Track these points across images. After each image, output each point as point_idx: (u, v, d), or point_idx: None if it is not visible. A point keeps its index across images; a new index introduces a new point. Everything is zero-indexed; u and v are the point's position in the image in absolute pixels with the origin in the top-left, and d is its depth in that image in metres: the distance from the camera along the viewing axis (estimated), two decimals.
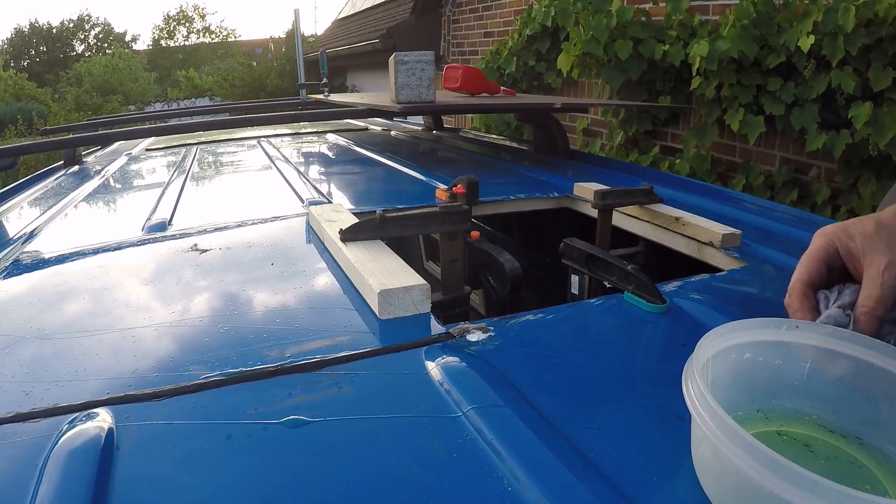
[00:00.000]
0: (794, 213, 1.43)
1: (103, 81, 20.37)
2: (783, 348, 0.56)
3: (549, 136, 2.29)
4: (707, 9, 3.15)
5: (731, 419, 0.43)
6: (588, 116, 4.12)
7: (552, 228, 1.94)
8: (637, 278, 0.89)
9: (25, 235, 1.34)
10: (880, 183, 2.34)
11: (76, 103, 15.72)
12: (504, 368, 0.70)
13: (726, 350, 0.55)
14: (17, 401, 0.65)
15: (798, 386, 0.56)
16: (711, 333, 0.54)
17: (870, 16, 2.23)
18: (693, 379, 0.48)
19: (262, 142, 2.65)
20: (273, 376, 0.68)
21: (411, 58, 1.78)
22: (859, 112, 2.24)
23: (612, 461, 0.55)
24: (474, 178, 1.37)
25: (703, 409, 0.45)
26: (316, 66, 8.90)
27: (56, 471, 0.53)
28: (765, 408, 0.57)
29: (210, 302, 0.89)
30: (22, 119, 13.70)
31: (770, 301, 0.95)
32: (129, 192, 1.91)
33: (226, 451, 0.56)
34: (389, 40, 7.08)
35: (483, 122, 4.65)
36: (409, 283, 0.83)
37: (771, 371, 0.56)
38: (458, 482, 0.52)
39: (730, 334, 0.55)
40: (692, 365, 0.50)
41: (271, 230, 1.25)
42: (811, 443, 0.54)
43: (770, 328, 0.56)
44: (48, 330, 0.82)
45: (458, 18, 6.18)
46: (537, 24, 4.01)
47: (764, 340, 0.56)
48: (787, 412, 0.56)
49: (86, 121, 3.21)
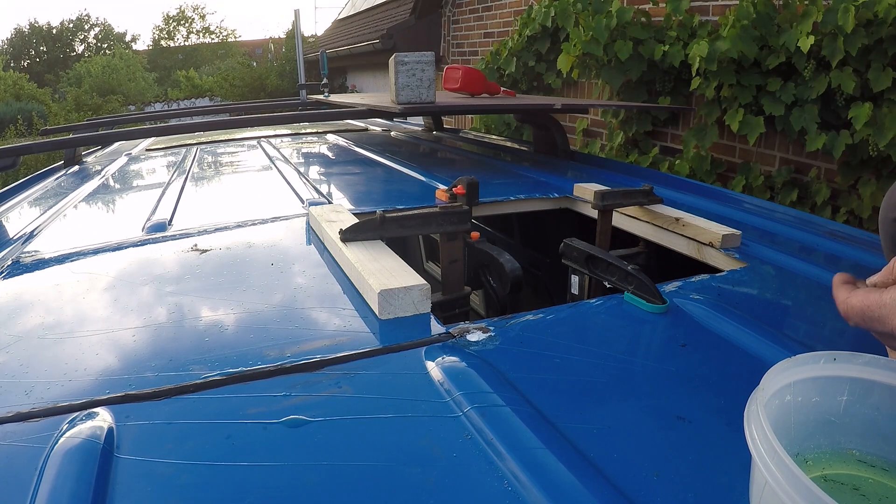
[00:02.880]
0: (794, 213, 1.43)
1: (103, 82, 20.36)
2: (820, 384, 0.54)
3: (549, 136, 2.29)
4: (707, 9, 3.15)
5: (801, 471, 0.40)
6: (588, 117, 4.12)
7: (552, 229, 1.94)
8: (637, 278, 0.89)
9: (26, 235, 1.34)
10: (880, 183, 2.34)
11: (76, 103, 15.70)
12: (504, 368, 0.70)
13: (774, 393, 0.52)
14: (17, 401, 0.65)
15: (835, 422, 0.55)
16: (777, 369, 0.52)
17: (869, 16, 2.23)
18: (757, 421, 0.45)
19: (262, 142, 2.65)
20: (273, 376, 0.68)
21: (411, 58, 1.78)
22: (859, 112, 2.24)
23: (612, 461, 0.55)
24: (474, 179, 1.37)
25: (768, 456, 0.43)
26: (316, 67, 8.91)
27: (56, 471, 0.53)
28: (803, 451, 0.55)
29: (210, 302, 0.89)
30: (22, 119, 13.70)
31: (770, 302, 0.95)
32: (129, 193, 1.91)
33: (226, 451, 0.56)
34: (389, 41, 7.07)
35: (483, 122, 4.65)
36: (409, 283, 0.83)
37: (808, 410, 0.54)
38: (458, 482, 0.52)
39: (786, 372, 0.53)
40: (755, 403, 0.47)
41: (271, 230, 1.25)
42: (859, 485, 0.52)
43: (808, 364, 0.54)
44: (48, 330, 0.82)
45: (458, 19, 6.18)
46: (537, 25, 4.01)
47: (802, 378, 0.54)
48: (826, 453, 0.55)
49: (86, 121, 3.21)
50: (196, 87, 18.95)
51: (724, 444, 0.59)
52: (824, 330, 0.87)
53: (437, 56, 6.26)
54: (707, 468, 0.55)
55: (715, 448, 0.58)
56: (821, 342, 0.81)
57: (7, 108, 15.12)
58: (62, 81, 22.49)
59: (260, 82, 14.55)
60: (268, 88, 14.17)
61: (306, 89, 3.18)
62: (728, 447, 0.58)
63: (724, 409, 0.64)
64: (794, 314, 0.92)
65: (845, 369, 0.54)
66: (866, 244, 1.19)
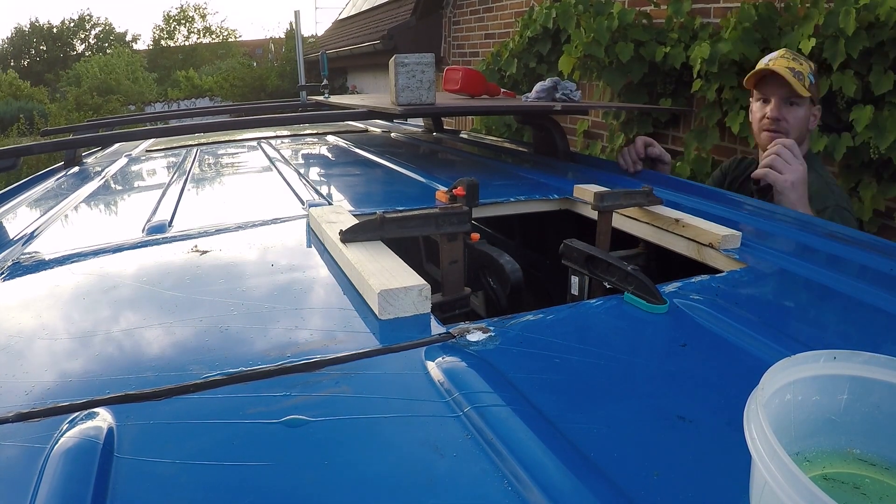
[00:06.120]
0: (794, 215, 1.43)
1: (103, 81, 20.37)
2: (820, 383, 0.54)
3: (550, 138, 2.29)
4: (708, 11, 3.15)
5: (800, 471, 0.40)
6: (589, 119, 4.12)
7: (552, 230, 1.94)
8: (637, 279, 0.89)
9: (26, 236, 1.34)
10: (881, 186, 2.34)
11: (76, 103, 15.72)
12: (504, 368, 0.70)
13: (774, 392, 0.52)
14: (17, 401, 0.65)
15: (835, 420, 0.55)
16: (776, 368, 0.52)
17: (871, 19, 2.23)
18: (757, 420, 0.45)
19: (262, 143, 2.66)
20: (273, 376, 0.68)
21: (412, 60, 1.78)
22: (860, 115, 2.24)
23: (612, 461, 0.55)
24: (474, 180, 1.37)
25: (768, 456, 0.43)
26: (316, 67, 8.89)
27: (56, 471, 0.53)
28: (804, 450, 0.55)
29: (210, 302, 0.89)
30: (24, 118, 13.72)
31: (770, 302, 0.95)
32: (129, 194, 1.92)
33: (226, 451, 0.56)
34: (390, 41, 7.08)
35: (483, 123, 4.65)
36: (409, 283, 0.83)
37: (808, 409, 0.55)
38: (458, 482, 0.52)
39: (786, 371, 0.53)
40: (755, 402, 0.47)
41: (271, 232, 1.25)
42: (860, 483, 0.52)
43: (808, 363, 0.54)
44: (48, 330, 0.83)
45: (458, 20, 6.19)
46: (538, 26, 4.01)
47: (802, 377, 0.54)
48: (826, 452, 0.55)
49: (86, 122, 3.22)
50: (196, 87, 18.97)
51: (724, 444, 0.59)
52: (824, 330, 0.87)
53: (438, 57, 6.25)
54: (707, 468, 0.55)
55: (715, 448, 0.58)
56: (821, 342, 0.81)
57: (7, 107, 15.14)
58: (62, 81, 22.50)
59: (260, 83, 14.57)
60: (268, 89, 14.18)
61: (306, 90, 3.18)
62: (728, 447, 0.58)
63: (724, 408, 0.64)
64: (793, 314, 0.92)
65: (845, 368, 0.54)
66: (866, 245, 1.19)
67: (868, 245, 1.19)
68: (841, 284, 0.99)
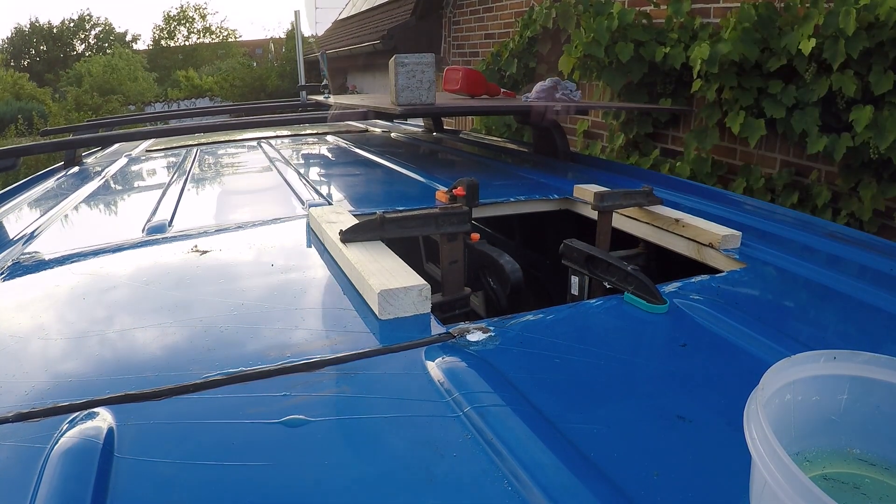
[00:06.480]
0: (794, 215, 1.43)
1: (103, 81, 20.35)
2: (820, 383, 0.54)
3: (550, 138, 2.29)
4: (708, 11, 3.15)
5: (799, 470, 0.40)
6: (589, 119, 4.12)
7: (552, 230, 1.94)
8: (637, 279, 0.89)
9: (26, 236, 1.34)
10: (881, 186, 2.34)
11: (76, 103, 15.70)
12: (504, 368, 0.70)
13: (775, 392, 0.52)
14: (17, 401, 0.65)
15: (835, 420, 0.55)
16: (776, 368, 0.52)
17: (871, 19, 2.23)
18: (757, 420, 0.45)
19: (262, 143, 2.66)
20: (273, 376, 0.68)
21: (412, 60, 1.78)
22: (860, 115, 2.24)
23: (612, 461, 0.55)
24: (474, 180, 1.37)
25: (767, 455, 0.43)
26: (316, 67, 8.90)
27: (56, 471, 0.53)
28: (804, 450, 0.55)
29: (210, 302, 0.89)
30: (23, 119, 13.71)
31: (770, 302, 0.95)
32: (129, 194, 1.92)
33: (226, 451, 0.56)
34: (390, 42, 7.07)
35: (483, 123, 4.65)
36: (409, 283, 0.83)
37: (808, 409, 0.54)
38: (458, 482, 0.52)
39: (786, 371, 0.52)
40: (755, 402, 0.47)
41: (271, 232, 1.25)
42: (860, 483, 0.52)
43: (808, 363, 0.54)
44: (48, 330, 0.82)
45: (458, 20, 6.19)
46: (538, 26, 4.02)
47: (802, 377, 0.54)
48: (826, 451, 0.55)
49: (86, 122, 3.21)
50: (196, 87, 18.95)
51: (724, 444, 0.59)
52: (824, 330, 0.87)
53: (438, 57, 6.25)
54: (707, 468, 0.55)
55: (715, 448, 0.58)
56: (820, 342, 0.81)
57: (7, 107, 15.14)
58: (62, 81, 22.50)
59: (260, 83, 14.57)
60: (268, 89, 14.18)
61: (306, 90, 3.18)
62: (728, 447, 0.58)
63: (724, 408, 0.64)
64: (793, 314, 0.92)
65: (845, 368, 0.54)
66: (866, 245, 1.19)
67: (868, 245, 1.19)
68: (841, 284, 0.99)
